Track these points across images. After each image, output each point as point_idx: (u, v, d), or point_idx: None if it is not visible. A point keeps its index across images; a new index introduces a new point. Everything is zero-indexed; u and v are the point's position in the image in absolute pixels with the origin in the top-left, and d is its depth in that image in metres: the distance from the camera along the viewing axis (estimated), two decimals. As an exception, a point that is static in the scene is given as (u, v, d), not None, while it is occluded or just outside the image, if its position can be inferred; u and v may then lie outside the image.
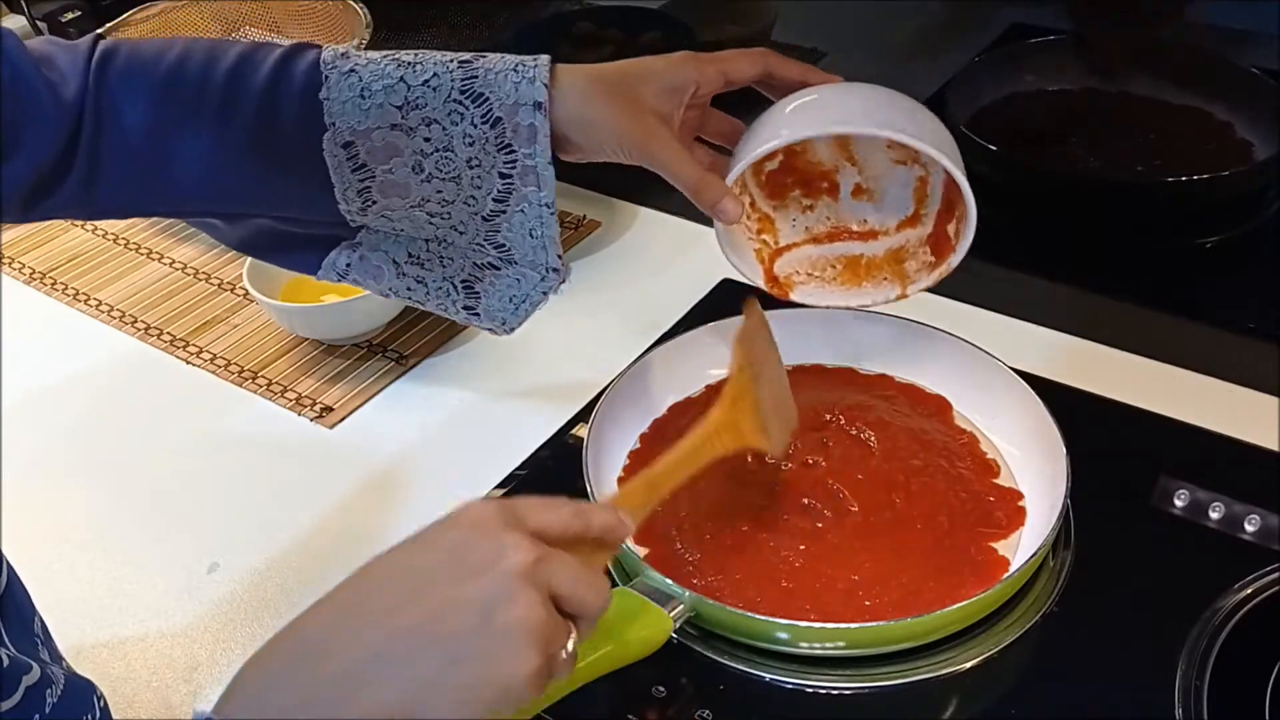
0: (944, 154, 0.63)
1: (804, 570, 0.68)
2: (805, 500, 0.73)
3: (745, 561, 0.69)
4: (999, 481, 0.74)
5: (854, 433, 0.77)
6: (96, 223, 1.12)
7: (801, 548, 0.70)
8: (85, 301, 1.03)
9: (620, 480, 0.76)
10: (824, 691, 0.64)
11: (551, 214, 0.66)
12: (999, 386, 0.77)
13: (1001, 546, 0.70)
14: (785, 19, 1.28)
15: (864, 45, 1.28)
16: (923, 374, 0.81)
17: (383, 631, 0.45)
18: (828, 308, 0.75)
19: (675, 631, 0.63)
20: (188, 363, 0.95)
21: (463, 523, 0.48)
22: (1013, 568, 0.67)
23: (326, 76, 0.63)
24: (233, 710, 0.44)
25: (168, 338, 0.98)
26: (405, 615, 0.45)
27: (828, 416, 0.78)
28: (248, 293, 0.91)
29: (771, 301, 0.91)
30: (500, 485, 0.78)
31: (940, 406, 0.80)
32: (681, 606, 0.64)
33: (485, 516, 0.48)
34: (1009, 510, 0.72)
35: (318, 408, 0.89)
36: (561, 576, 0.47)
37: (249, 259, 0.93)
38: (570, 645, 0.48)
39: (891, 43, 1.26)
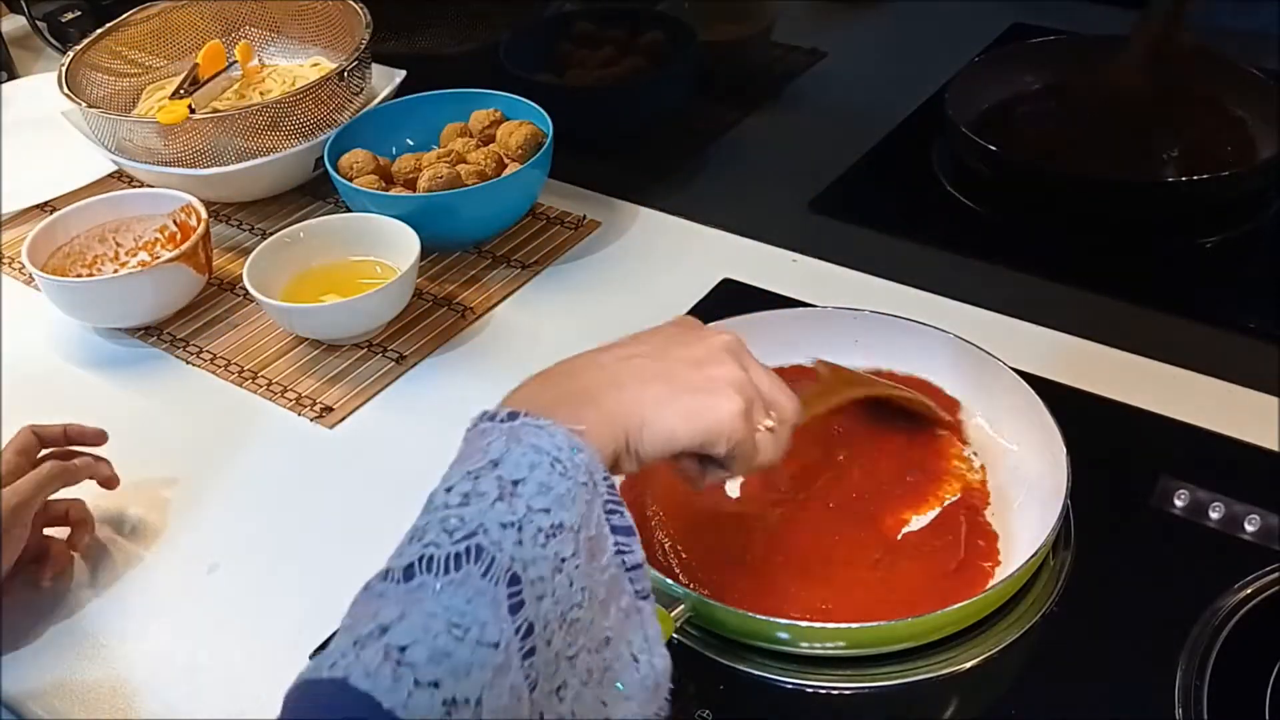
0: None
1: (804, 570, 0.69)
2: (805, 501, 0.73)
3: (745, 561, 0.69)
4: (1001, 480, 0.74)
5: (854, 432, 0.77)
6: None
7: (801, 548, 0.70)
8: (85, 301, 1.03)
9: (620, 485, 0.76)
10: (824, 691, 0.64)
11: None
12: (999, 386, 0.77)
13: (1001, 547, 0.70)
14: (785, 19, 1.28)
15: (864, 45, 1.28)
16: (923, 373, 0.81)
17: (619, 368, 0.56)
18: (826, 307, 0.75)
19: (675, 632, 0.63)
20: (188, 363, 0.95)
21: (676, 322, 0.61)
22: (1013, 568, 0.67)
23: None
24: (505, 405, 0.53)
25: (168, 338, 0.98)
26: (635, 359, 0.57)
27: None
28: (248, 293, 0.91)
29: (771, 301, 0.92)
30: (500, 485, 0.78)
31: (946, 405, 0.79)
32: (682, 607, 0.64)
33: (696, 323, 0.62)
34: (1009, 510, 0.72)
35: (318, 408, 0.89)
36: (761, 374, 0.59)
37: (249, 259, 0.93)
38: (770, 422, 0.58)
39: (891, 43, 1.26)
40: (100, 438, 0.81)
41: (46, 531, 0.77)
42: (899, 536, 0.71)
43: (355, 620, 0.45)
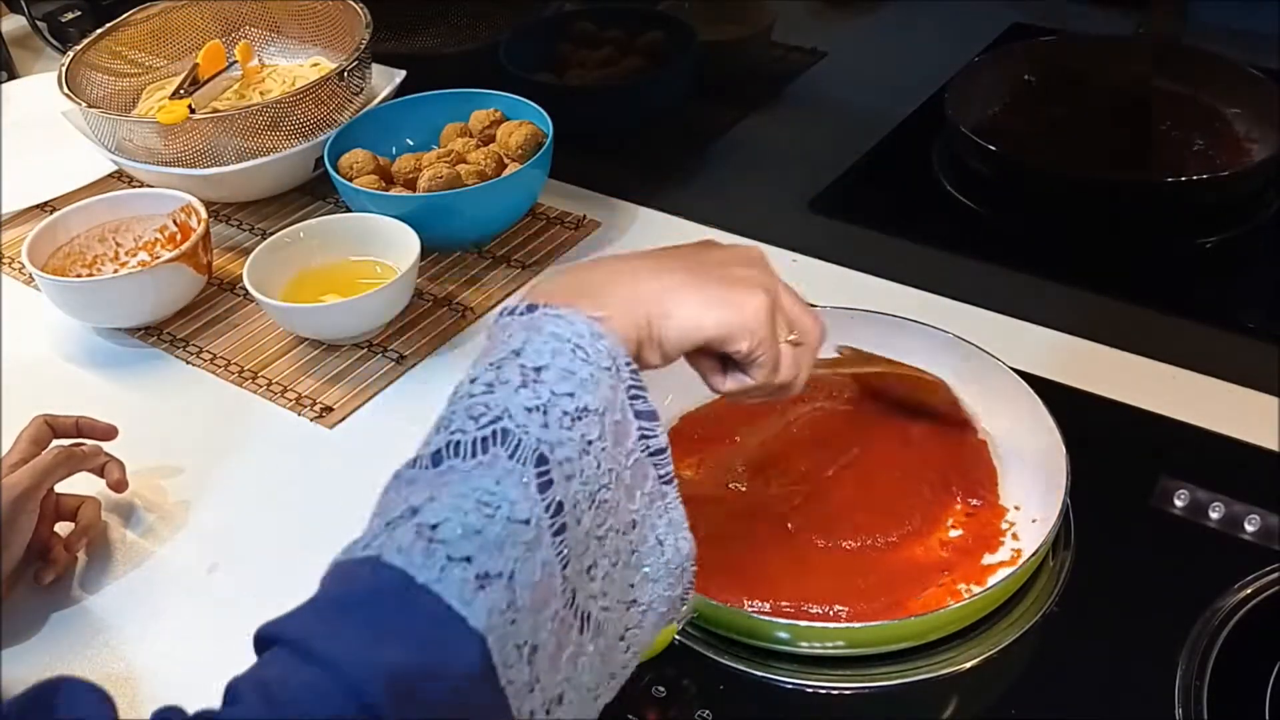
0: None
1: (804, 569, 0.68)
2: (805, 500, 0.73)
3: (745, 561, 0.69)
4: (1001, 480, 0.74)
5: (853, 432, 0.77)
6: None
7: (801, 547, 0.70)
8: (85, 301, 1.03)
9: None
10: (824, 691, 0.64)
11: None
12: (999, 386, 0.77)
13: (1001, 546, 0.70)
14: (785, 19, 1.28)
15: (864, 45, 1.28)
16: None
17: (640, 263, 0.56)
18: (825, 306, 0.75)
19: (677, 633, 0.63)
20: (188, 363, 0.95)
21: (697, 241, 0.61)
22: (1012, 567, 0.67)
23: None
24: (526, 298, 0.52)
25: (168, 338, 0.98)
26: (659, 256, 0.57)
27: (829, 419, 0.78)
28: (248, 293, 0.91)
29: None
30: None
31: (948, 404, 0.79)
32: (685, 607, 0.64)
33: (717, 240, 0.61)
34: (1010, 509, 0.72)
35: (318, 408, 0.89)
36: (785, 289, 0.58)
37: (249, 259, 0.93)
38: (793, 337, 0.58)
39: (891, 43, 1.26)
40: (111, 433, 0.81)
41: (55, 528, 0.78)
42: (900, 535, 0.71)
43: (385, 506, 0.46)
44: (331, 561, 0.45)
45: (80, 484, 0.79)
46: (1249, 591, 0.66)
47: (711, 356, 0.58)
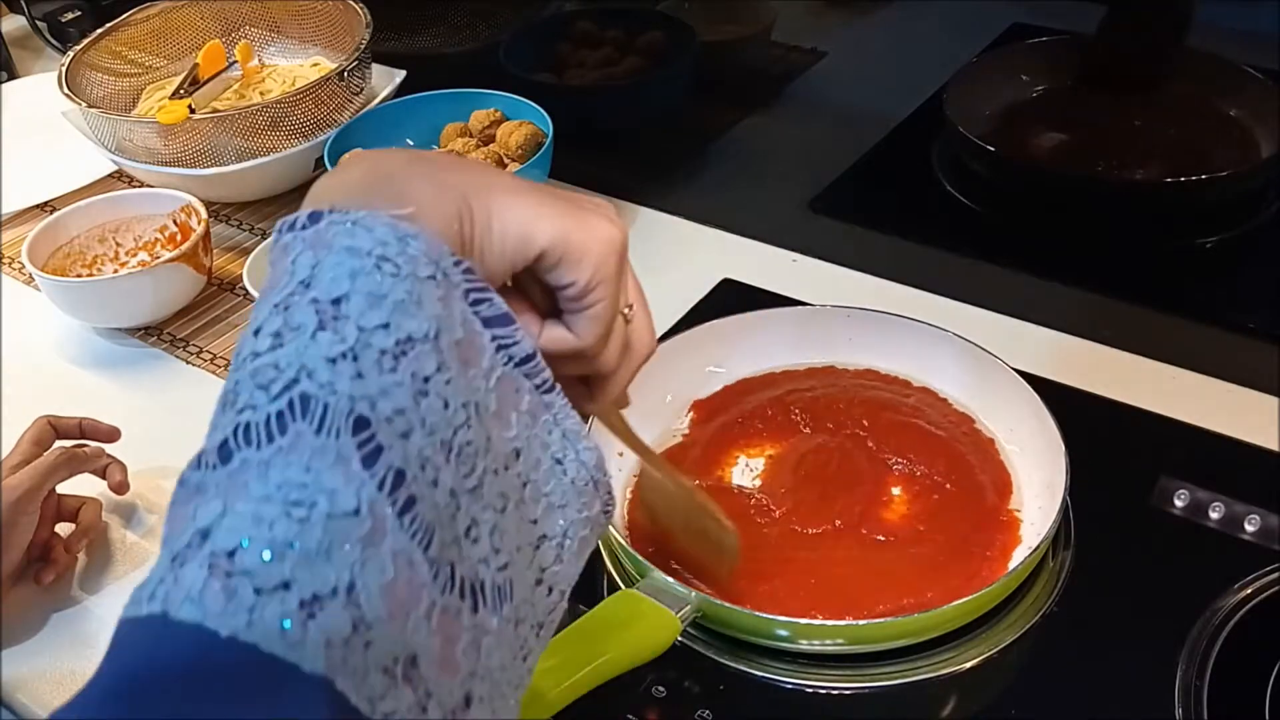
0: None
1: (803, 568, 0.68)
2: (805, 499, 0.73)
3: (744, 560, 0.69)
4: (1002, 479, 0.74)
5: (852, 431, 0.77)
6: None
7: (802, 546, 0.70)
8: (85, 301, 1.03)
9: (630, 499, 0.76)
10: (824, 691, 0.64)
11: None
12: (999, 386, 0.77)
13: (1001, 546, 0.70)
14: (785, 19, 1.28)
15: (864, 45, 1.28)
16: (922, 373, 0.81)
17: (452, 159, 0.45)
18: (825, 306, 0.75)
19: (680, 634, 0.63)
20: (188, 363, 0.95)
21: None
22: (1011, 566, 0.67)
23: None
24: (308, 206, 0.41)
25: (168, 338, 0.98)
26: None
27: (826, 420, 0.78)
28: (248, 293, 0.91)
29: (771, 301, 0.91)
30: (500, 485, 0.78)
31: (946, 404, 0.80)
32: (688, 607, 0.64)
33: None
34: (1010, 509, 0.72)
35: (318, 408, 0.89)
36: (633, 279, 0.49)
37: (249, 259, 0.93)
38: (627, 310, 0.48)
39: (891, 43, 1.26)
40: (114, 435, 0.81)
41: (55, 529, 0.77)
42: (902, 535, 0.71)
43: (172, 529, 0.35)
44: (120, 615, 0.34)
45: (81, 485, 0.79)
46: (1249, 591, 0.66)
47: (528, 290, 0.47)
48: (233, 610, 0.32)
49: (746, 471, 0.76)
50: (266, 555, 0.33)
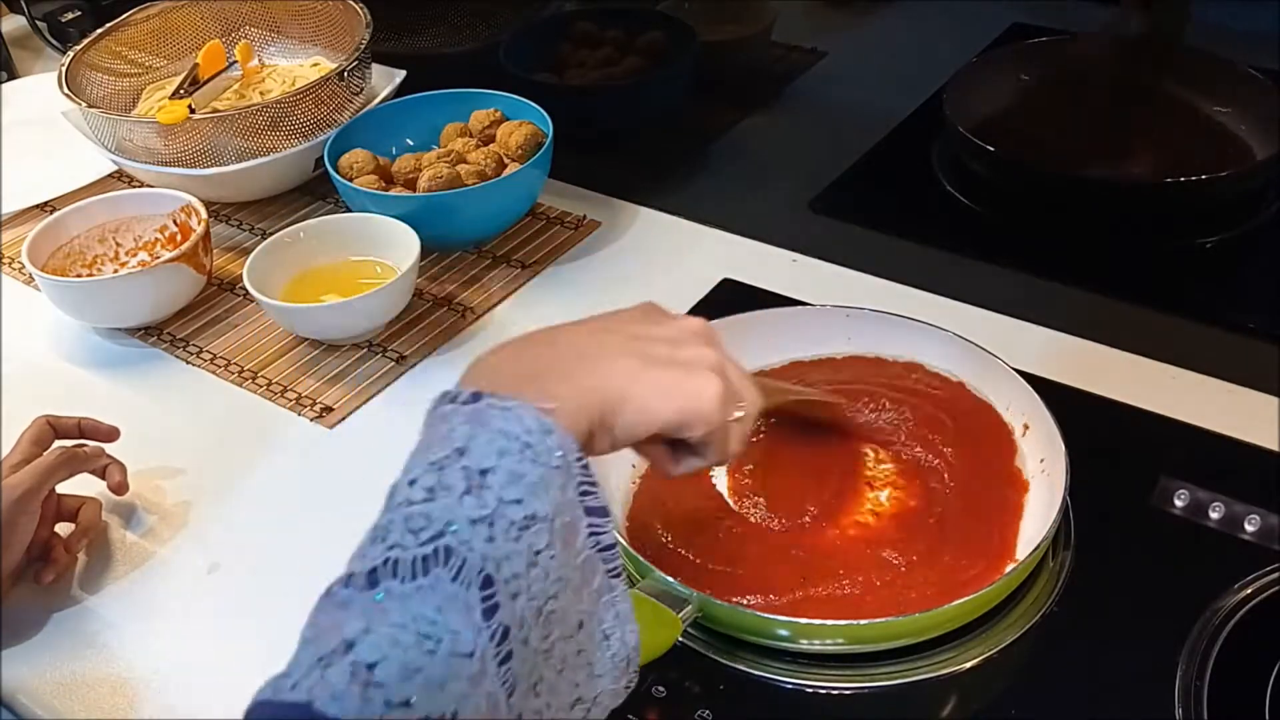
0: None
1: (803, 568, 0.68)
2: (803, 499, 0.73)
3: (744, 560, 0.69)
4: (1005, 477, 0.74)
5: (855, 432, 0.77)
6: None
7: (802, 545, 0.70)
8: (85, 301, 1.03)
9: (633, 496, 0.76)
10: (824, 691, 0.64)
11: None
12: (999, 386, 0.77)
13: (1001, 546, 0.70)
14: (785, 19, 1.28)
15: (864, 45, 1.28)
16: (923, 374, 0.81)
17: (588, 341, 0.53)
18: (825, 306, 0.75)
19: (680, 634, 0.63)
20: (188, 363, 0.95)
21: (639, 306, 0.58)
22: (1011, 565, 0.67)
23: None
24: (467, 384, 0.50)
25: (168, 338, 0.98)
26: (606, 333, 0.54)
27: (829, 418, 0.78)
28: (248, 293, 0.91)
29: (771, 301, 0.92)
30: (500, 485, 0.78)
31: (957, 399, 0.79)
32: (690, 607, 0.64)
33: (660, 306, 0.58)
34: (1010, 509, 0.72)
35: (318, 408, 0.89)
36: (730, 364, 0.56)
37: (249, 259, 0.93)
38: (740, 413, 0.55)
39: (891, 43, 1.26)
40: (113, 435, 0.81)
41: (55, 529, 0.77)
42: (901, 534, 0.71)
43: (317, 632, 0.42)
44: (257, 696, 0.41)
45: (81, 485, 0.79)
46: (1249, 591, 0.66)
47: (660, 441, 0.56)
48: (366, 713, 0.39)
49: (747, 471, 0.76)
50: (398, 673, 0.40)
